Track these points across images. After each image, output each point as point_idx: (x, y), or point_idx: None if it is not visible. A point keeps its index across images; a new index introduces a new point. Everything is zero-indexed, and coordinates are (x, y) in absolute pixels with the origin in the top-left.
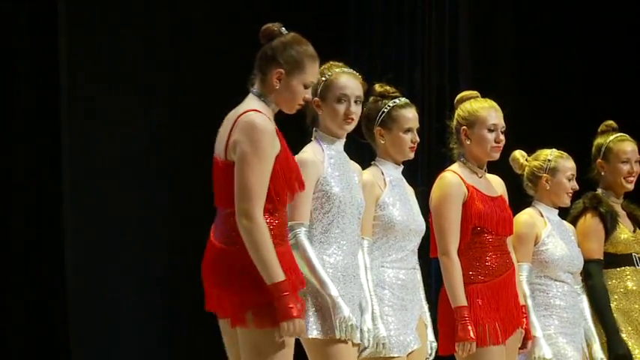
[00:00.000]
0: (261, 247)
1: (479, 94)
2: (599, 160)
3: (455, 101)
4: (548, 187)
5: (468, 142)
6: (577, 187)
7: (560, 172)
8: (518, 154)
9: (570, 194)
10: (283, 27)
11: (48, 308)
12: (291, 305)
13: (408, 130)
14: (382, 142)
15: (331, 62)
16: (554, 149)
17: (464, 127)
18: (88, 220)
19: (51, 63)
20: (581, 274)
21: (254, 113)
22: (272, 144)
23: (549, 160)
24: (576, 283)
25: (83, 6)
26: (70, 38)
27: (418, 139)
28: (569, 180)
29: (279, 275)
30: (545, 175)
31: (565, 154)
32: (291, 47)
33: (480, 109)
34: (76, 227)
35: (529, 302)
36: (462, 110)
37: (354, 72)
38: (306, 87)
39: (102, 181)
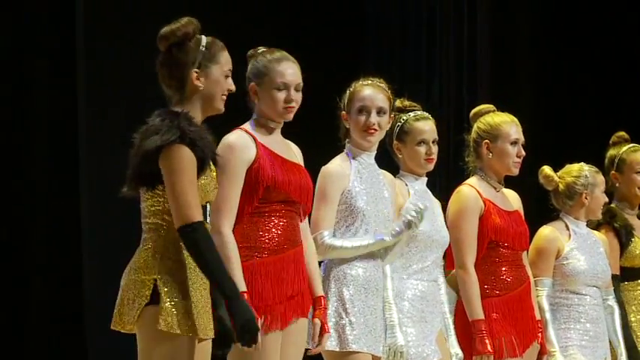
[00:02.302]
0: (228, 258)
1: (495, 108)
2: (612, 172)
3: (471, 114)
4: (587, 203)
5: (490, 156)
6: (607, 199)
7: (597, 187)
8: (550, 171)
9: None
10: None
11: (64, 304)
12: None
13: (422, 142)
14: (400, 155)
15: (368, 77)
16: (583, 163)
17: (486, 140)
18: (105, 220)
19: (68, 67)
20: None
21: (232, 132)
22: (238, 158)
23: (586, 176)
24: (607, 294)
25: (102, 13)
26: (88, 42)
27: (434, 151)
28: (603, 193)
29: (242, 286)
30: (585, 191)
31: (595, 167)
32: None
33: (503, 123)
34: (93, 227)
35: (547, 316)
36: (482, 124)
37: (380, 84)
38: (279, 89)
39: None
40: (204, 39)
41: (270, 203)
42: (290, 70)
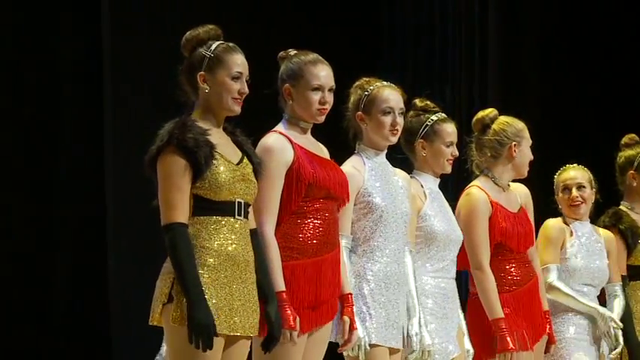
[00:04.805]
0: (269, 258)
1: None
2: (631, 172)
3: (478, 118)
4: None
5: (515, 157)
6: (582, 196)
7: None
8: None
9: (577, 205)
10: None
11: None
12: (286, 316)
13: (450, 143)
14: (423, 154)
15: (369, 78)
16: (575, 164)
17: (514, 142)
18: (130, 223)
19: (95, 71)
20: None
21: (268, 135)
22: (277, 160)
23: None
24: (614, 286)
25: (127, 13)
26: (114, 44)
27: (457, 153)
28: (573, 190)
29: (280, 285)
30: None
31: (570, 165)
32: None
33: (525, 128)
34: (118, 229)
35: (570, 292)
36: (509, 126)
37: (393, 85)
38: (314, 91)
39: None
40: (215, 44)
41: (313, 201)
42: (324, 73)
